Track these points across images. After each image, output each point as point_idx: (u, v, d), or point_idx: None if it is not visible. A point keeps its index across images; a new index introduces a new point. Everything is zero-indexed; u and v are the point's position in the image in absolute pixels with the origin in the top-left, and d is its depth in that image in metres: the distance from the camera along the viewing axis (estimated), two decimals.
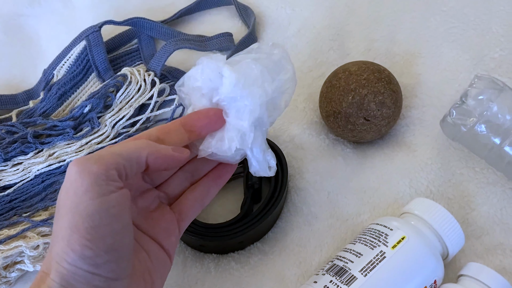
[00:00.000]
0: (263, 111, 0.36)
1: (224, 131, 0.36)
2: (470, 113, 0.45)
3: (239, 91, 0.35)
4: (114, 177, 0.30)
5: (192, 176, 0.40)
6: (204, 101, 0.37)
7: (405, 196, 0.48)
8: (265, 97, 0.36)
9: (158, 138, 0.34)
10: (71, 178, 0.30)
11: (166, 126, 0.35)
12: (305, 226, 0.48)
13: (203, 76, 0.36)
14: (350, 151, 0.52)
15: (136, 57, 0.62)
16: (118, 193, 0.31)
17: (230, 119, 0.36)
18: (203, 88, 0.37)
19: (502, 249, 0.44)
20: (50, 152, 0.52)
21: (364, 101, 0.48)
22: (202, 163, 0.39)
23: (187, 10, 0.66)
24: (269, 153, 0.38)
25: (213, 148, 0.36)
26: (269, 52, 0.38)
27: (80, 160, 0.30)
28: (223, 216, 0.49)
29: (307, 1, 0.64)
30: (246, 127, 0.36)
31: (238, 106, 0.36)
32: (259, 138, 0.37)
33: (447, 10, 0.60)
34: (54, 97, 0.58)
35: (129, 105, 0.55)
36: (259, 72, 0.36)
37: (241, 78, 0.35)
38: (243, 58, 0.37)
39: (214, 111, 0.36)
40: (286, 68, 0.38)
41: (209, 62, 0.36)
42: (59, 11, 0.70)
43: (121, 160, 0.31)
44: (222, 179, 0.40)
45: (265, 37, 0.63)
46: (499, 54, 0.55)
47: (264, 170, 0.38)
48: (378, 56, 0.58)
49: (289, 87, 0.38)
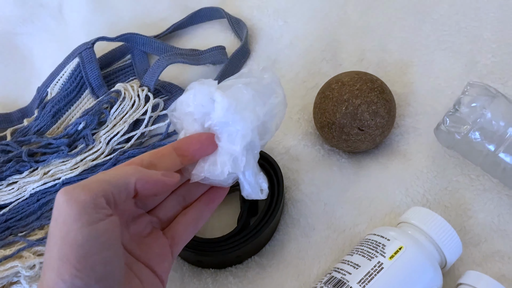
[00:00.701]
0: (255, 135, 0.37)
1: (217, 156, 0.37)
2: (464, 121, 0.45)
3: (231, 115, 0.36)
4: (102, 205, 0.30)
5: (184, 200, 0.39)
6: (196, 126, 0.37)
7: (401, 205, 0.48)
8: (256, 121, 0.36)
9: (151, 162, 0.34)
10: (60, 208, 0.30)
11: (159, 151, 0.35)
12: (303, 238, 0.48)
13: (195, 102, 0.37)
14: (346, 161, 0.52)
15: (130, 73, 0.63)
16: (107, 220, 0.30)
17: (223, 144, 0.36)
18: (195, 113, 0.37)
19: (500, 256, 0.44)
20: (45, 170, 0.52)
21: (358, 111, 0.48)
22: (195, 186, 0.39)
23: (179, 24, 0.66)
24: (261, 176, 0.38)
25: (205, 172, 0.36)
26: (259, 76, 0.39)
27: (68, 189, 0.30)
28: (220, 230, 0.49)
29: (299, 13, 0.64)
30: (238, 151, 0.36)
31: (230, 130, 0.36)
32: (251, 162, 0.37)
33: (437, 18, 0.60)
34: (48, 115, 0.57)
35: (123, 121, 0.55)
36: (251, 96, 0.36)
37: (232, 103, 0.36)
38: (234, 82, 0.37)
39: (206, 136, 0.37)
40: (276, 92, 0.39)
41: (201, 87, 0.37)
42: (52, 29, 0.70)
43: (109, 187, 0.31)
44: (215, 202, 0.40)
45: (258, 49, 0.63)
46: (491, 61, 0.56)
47: (256, 193, 0.38)
48: (371, 66, 0.58)
49: (280, 111, 0.39)
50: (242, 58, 0.62)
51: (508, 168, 0.44)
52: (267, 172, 0.49)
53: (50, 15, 0.71)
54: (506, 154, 0.44)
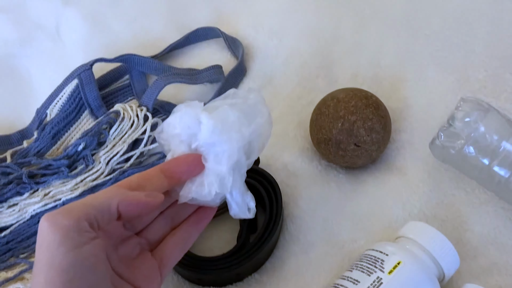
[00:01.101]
0: (241, 155, 0.37)
1: (204, 176, 0.37)
2: (458, 136, 0.46)
3: (217, 136, 0.36)
4: (86, 228, 0.31)
5: (172, 221, 0.40)
6: (183, 147, 0.38)
7: (399, 220, 0.49)
8: (242, 141, 0.37)
9: (139, 184, 0.35)
10: (43, 233, 0.30)
11: (147, 173, 0.36)
12: (302, 254, 0.48)
13: (182, 124, 0.37)
14: (343, 177, 0.53)
15: (128, 93, 0.63)
16: (92, 244, 0.31)
17: (209, 164, 0.37)
18: (182, 135, 0.38)
19: (498, 269, 0.45)
20: (46, 192, 0.52)
21: (354, 128, 0.49)
22: (183, 207, 0.40)
23: (176, 44, 0.67)
24: (248, 195, 0.39)
25: (193, 193, 0.37)
26: (245, 96, 0.40)
27: (50, 215, 0.30)
28: (219, 248, 0.49)
29: (293, 31, 0.65)
30: (225, 172, 0.36)
31: (216, 151, 0.37)
32: (238, 181, 0.38)
33: (430, 34, 0.61)
34: (48, 136, 0.58)
35: (123, 141, 0.55)
36: (236, 117, 0.37)
37: (218, 124, 0.36)
38: (220, 104, 0.38)
39: (193, 157, 0.37)
40: (262, 112, 0.39)
41: (187, 109, 0.37)
42: (50, 50, 0.71)
43: (91, 211, 0.31)
44: (203, 223, 0.40)
45: (254, 67, 0.64)
46: (484, 75, 0.57)
47: (243, 213, 0.38)
48: (365, 81, 0.59)
49: (266, 130, 0.39)
50: (238, 76, 0.63)
51: (503, 181, 0.45)
52: (265, 189, 0.50)
53: (48, 36, 0.72)
54: (500, 168, 0.45)
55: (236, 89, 0.42)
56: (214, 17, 0.71)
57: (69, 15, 0.73)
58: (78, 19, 0.72)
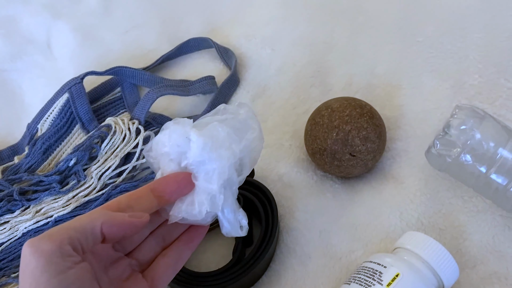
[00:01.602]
0: (232, 172, 0.37)
1: (194, 195, 0.36)
2: (454, 144, 0.45)
3: (207, 154, 0.36)
4: (69, 252, 0.30)
5: (163, 241, 0.39)
6: (172, 165, 0.37)
7: (396, 230, 0.48)
8: (233, 158, 0.36)
9: (128, 205, 0.34)
10: (26, 260, 0.29)
11: (136, 193, 0.35)
12: (299, 267, 0.47)
13: (171, 142, 0.36)
14: (339, 187, 0.52)
15: (120, 106, 0.63)
16: (77, 268, 0.30)
17: (199, 183, 0.36)
18: (171, 153, 0.37)
19: (497, 277, 0.44)
20: (37, 209, 0.52)
21: (349, 137, 0.48)
22: (173, 226, 0.39)
23: (168, 55, 0.66)
24: (240, 213, 0.38)
25: (183, 213, 0.36)
26: (235, 112, 0.39)
27: (33, 240, 0.30)
28: (215, 263, 0.48)
29: (286, 41, 0.65)
30: (216, 190, 0.36)
31: (206, 169, 0.36)
32: (230, 199, 0.37)
33: (423, 41, 0.61)
34: (39, 152, 0.57)
35: (115, 155, 0.55)
36: (226, 134, 0.36)
37: (208, 141, 0.36)
38: (209, 120, 0.38)
39: (183, 176, 0.36)
40: (252, 127, 0.39)
41: (176, 127, 0.37)
42: (41, 65, 0.70)
43: (74, 234, 0.30)
44: (195, 242, 0.39)
45: (247, 77, 0.63)
46: (478, 81, 0.56)
47: (235, 231, 0.38)
48: (360, 90, 0.59)
49: (257, 145, 0.39)
50: (232, 87, 0.62)
51: (500, 188, 0.45)
52: (260, 201, 0.49)
53: (39, 50, 0.72)
54: (497, 175, 0.44)
55: (226, 104, 0.41)
56: (207, 27, 0.70)
57: (59, 28, 0.73)
58: (68, 33, 0.72)
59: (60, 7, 0.75)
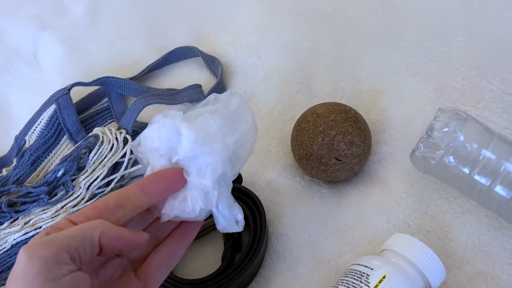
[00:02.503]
0: (226, 166, 0.35)
1: (186, 191, 0.35)
2: (438, 146, 0.46)
3: (199, 148, 0.34)
4: (65, 260, 0.29)
5: (155, 238, 0.38)
6: (163, 161, 0.35)
7: (383, 232, 0.49)
8: (226, 152, 0.35)
9: (117, 204, 0.33)
10: (21, 265, 0.29)
11: (125, 191, 0.34)
12: (288, 272, 0.48)
13: (160, 137, 0.35)
14: (326, 191, 0.53)
15: (107, 116, 0.63)
16: (71, 276, 0.29)
17: (192, 178, 0.34)
18: (160, 149, 0.35)
19: (484, 277, 0.45)
20: (26, 220, 0.52)
21: (334, 142, 0.48)
22: (165, 223, 0.37)
23: (155, 65, 0.67)
24: (235, 207, 0.36)
25: (176, 210, 0.34)
26: (227, 101, 0.37)
27: (29, 245, 0.29)
28: (204, 270, 0.48)
29: (272, 48, 0.66)
30: (209, 186, 0.34)
31: (199, 164, 0.34)
32: (224, 194, 0.35)
33: (406, 45, 0.62)
34: (27, 163, 0.57)
35: (103, 165, 0.55)
36: (218, 126, 0.35)
37: (200, 134, 0.34)
38: (200, 111, 0.36)
39: (174, 171, 0.34)
40: (245, 117, 0.37)
41: (166, 120, 0.35)
42: (28, 76, 0.70)
43: (72, 243, 0.30)
44: (188, 237, 0.38)
45: (234, 85, 0.64)
46: (461, 84, 0.57)
47: (231, 226, 0.36)
48: (345, 95, 0.59)
49: (251, 136, 0.37)
50: None
51: (484, 189, 0.45)
52: (249, 207, 0.50)
53: (26, 62, 0.72)
54: (481, 176, 0.45)
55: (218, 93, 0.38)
56: (193, 36, 0.71)
57: (46, 40, 0.73)
58: (55, 44, 0.72)
59: (47, 19, 0.76)
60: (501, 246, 0.46)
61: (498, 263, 0.45)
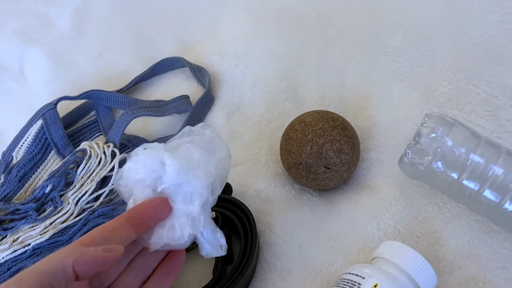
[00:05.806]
0: (209, 192, 0.37)
1: (173, 219, 0.36)
2: (425, 152, 0.46)
3: (183, 176, 0.36)
4: None
5: (141, 272, 0.37)
6: (147, 191, 0.36)
7: (374, 239, 0.48)
8: (210, 177, 0.37)
9: (103, 238, 0.33)
10: None
11: (111, 224, 0.34)
12: (280, 282, 0.48)
13: (146, 167, 0.36)
14: (316, 199, 0.52)
15: (95, 129, 0.63)
16: None
17: (178, 205, 0.36)
18: (146, 179, 0.36)
19: (475, 282, 0.45)
20: (14, 238, 0.51)
21: (323, 150, 0.48)
22: (150, 255, 0.38)
23: (142, 76, 0.67)
24: (218, 232, 0.38)
25: (165, 238, 0.35)
26: (201, 133, 0.39)
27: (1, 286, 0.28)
28: (196, 283, 0.48)
29: (258, 57, 0.66)
30: (196, 211, 0.36)
31: (184, 191, 0.36)
32: (208, 220, 0.37)
33: (392, 51, 0.62)
34: (14, 180, 0.57)
35: (91, 179, 0.54)
36: (200, 154, 0.37)
37: (183, 163, 0.36)
38: (179, 143, 0.38)
39: (159, 200, 0.36)
40: (220, 146, 0.39)
41: (149, 152, 0.36)
42: (15, 91, 0.70)
43: (45, 278, 0.29)
44: (172, 275, 0.38)
45: (222, 95, 0.64)
46: (447, 88, 0.57)
47: (216, 251, 0.37)
48: (332, 102, 0.59)
49: (226, 163, 0.39)
50: (206, 105, 0.62)
51: (473, 194, 0.45)
52: (239, 218, 0.49)
53: (12, 77, 0.71)
54: (469, 181, 0.45)
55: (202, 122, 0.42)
56: (179, 47, 0.71)
57: (32, 54, 0.73)
58: (41, 58, 0.72)
59: (32, 33, 0.75)
60: (491, 250, 0.46)
61: (489, 267, 0.45)
